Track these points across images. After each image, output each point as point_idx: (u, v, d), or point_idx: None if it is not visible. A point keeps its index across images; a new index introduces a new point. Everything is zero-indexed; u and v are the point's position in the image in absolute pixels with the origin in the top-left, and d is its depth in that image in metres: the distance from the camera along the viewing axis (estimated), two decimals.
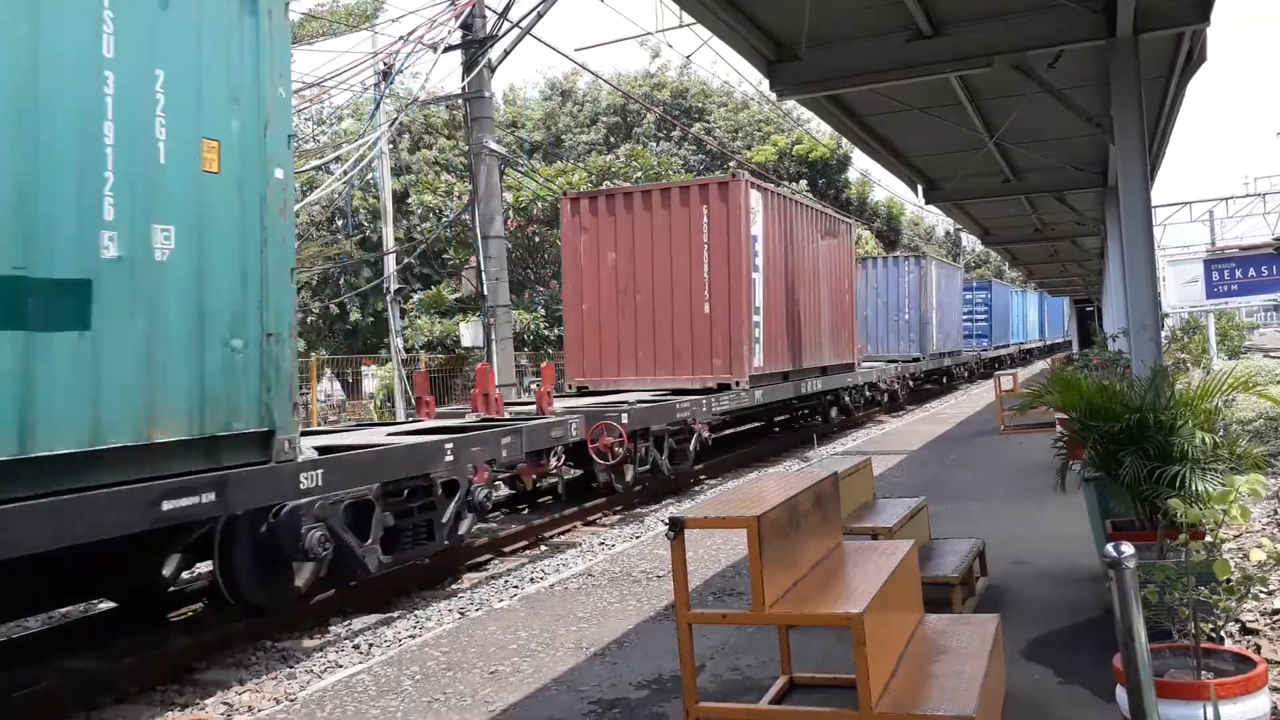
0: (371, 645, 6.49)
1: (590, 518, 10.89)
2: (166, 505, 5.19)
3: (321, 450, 6.92)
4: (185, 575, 7.26)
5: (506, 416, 10.38)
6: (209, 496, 5.44)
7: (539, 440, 9.49)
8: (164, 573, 6.49)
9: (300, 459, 6.17)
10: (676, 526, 3.34)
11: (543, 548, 9.61)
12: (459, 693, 4.80)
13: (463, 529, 8.04)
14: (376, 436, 8.38)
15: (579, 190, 17.18)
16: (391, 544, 7.19)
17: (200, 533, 6.11)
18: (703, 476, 13.77)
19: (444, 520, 7.73)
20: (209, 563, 6.53)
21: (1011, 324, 43.93)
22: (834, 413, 19.08)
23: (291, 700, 4.98)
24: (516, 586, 7.89)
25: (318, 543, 6.24)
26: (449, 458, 7.80)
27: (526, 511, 11.37)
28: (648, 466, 11.52)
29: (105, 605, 7.21)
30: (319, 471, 6.31)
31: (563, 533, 10.26)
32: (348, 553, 6.66)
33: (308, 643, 6.66)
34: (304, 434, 8.01)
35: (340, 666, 5.99)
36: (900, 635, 3.56)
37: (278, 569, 6.45)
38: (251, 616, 6.61)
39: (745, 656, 4.99)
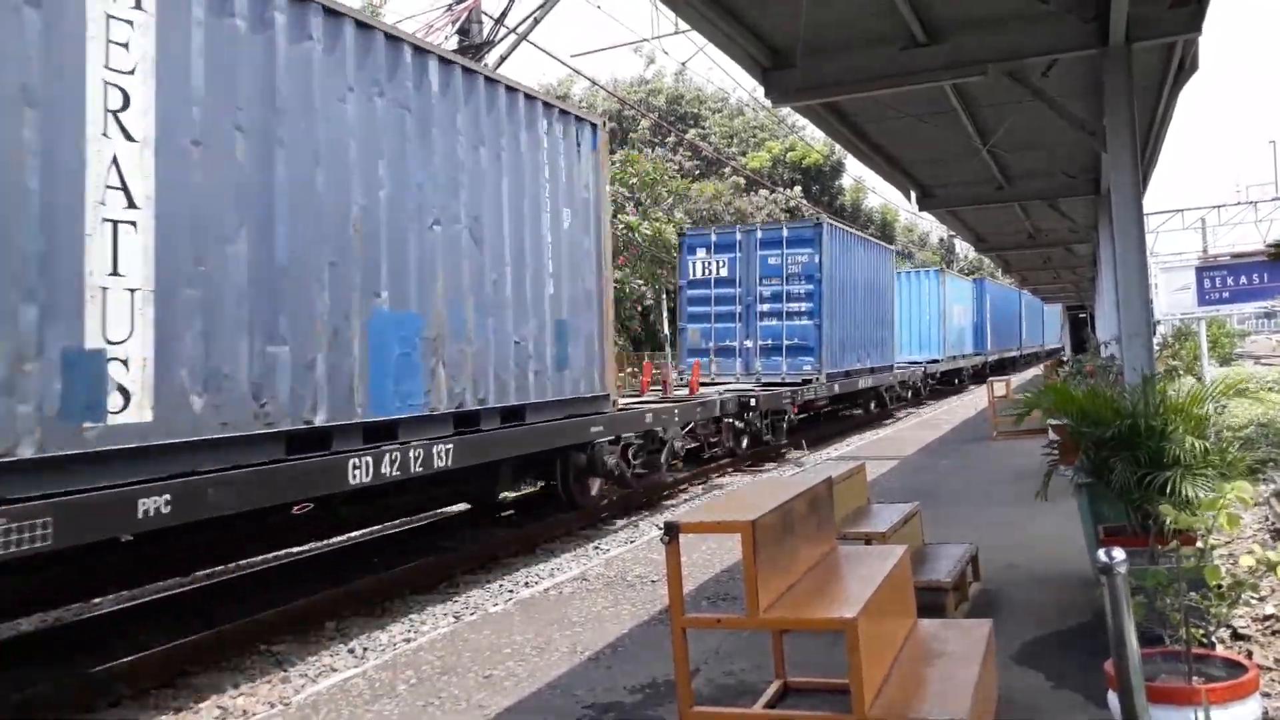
0: (366, 649, 6.49)
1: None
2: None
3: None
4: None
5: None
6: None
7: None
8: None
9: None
10: (671, 531, 3.36)
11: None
12: (454, 697, 4.81)
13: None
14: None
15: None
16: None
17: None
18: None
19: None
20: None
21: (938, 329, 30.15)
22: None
23: (286, 704, 4.98)
24: (511, 591, 7.90)
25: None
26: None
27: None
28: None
29: (107, 609, 7.21)
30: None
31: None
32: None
33: (302, 647, 6.66)
34: None
35: (335, 670, 5.99)
36: (894, 640, 3.58)
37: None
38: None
39: (739, 661, 5.01)
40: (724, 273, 18.13)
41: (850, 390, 19.74)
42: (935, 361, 28.83)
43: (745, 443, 15.54)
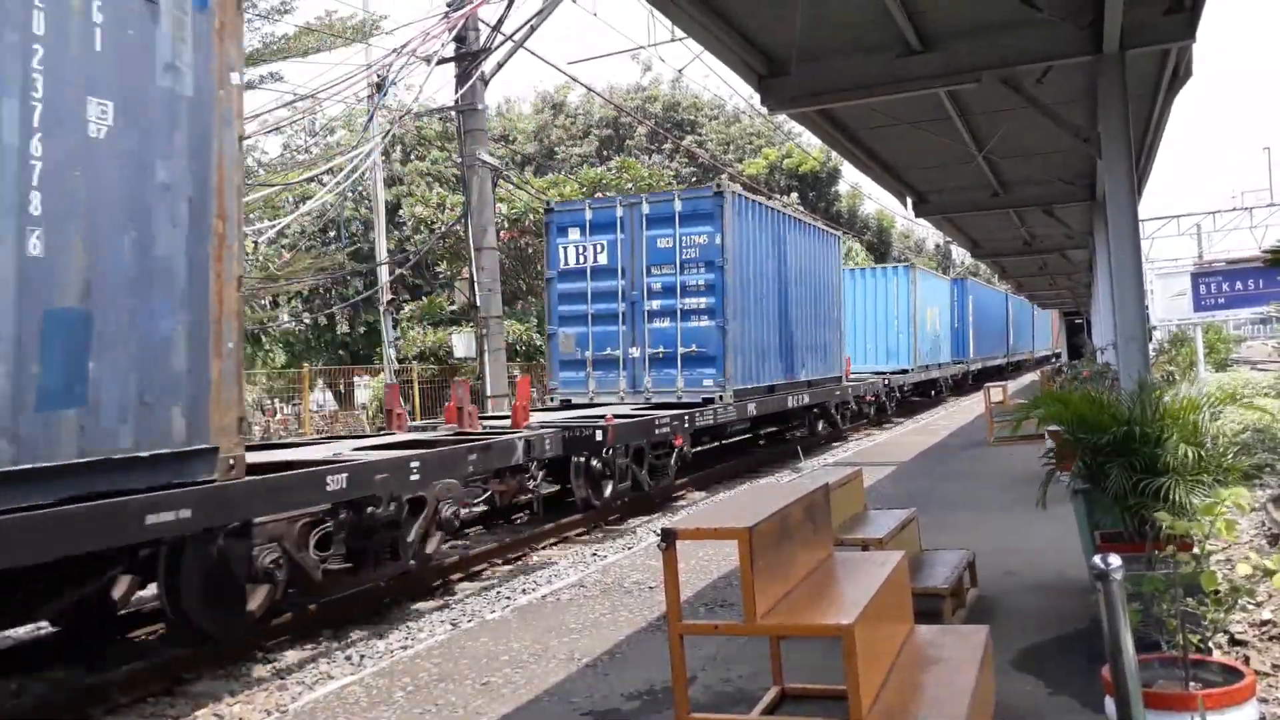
0: (363, 656, 6.49)
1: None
2: None
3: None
4: None
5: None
6: None
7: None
8: None
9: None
10: (669, 537, 3.36)
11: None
12: (451, 704, 4.81)
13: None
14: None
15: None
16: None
17: None
18: (688, 491, 13.78)
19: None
20: None
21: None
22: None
23: (283, 712, 4.98)
24: (509, 598, 7.89)
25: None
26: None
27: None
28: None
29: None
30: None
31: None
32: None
33: (299, 654, 6.64)
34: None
35: (332, 678, 5.99)
36: (890, 646, 3.58)
37: None
38: None
39: (737, 667, 5.01)
40: (603, 259, 14.14)
41: (775, 410, 15.77)
42: (904, 372, 25.17)
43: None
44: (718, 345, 13.71)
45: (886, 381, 23.21)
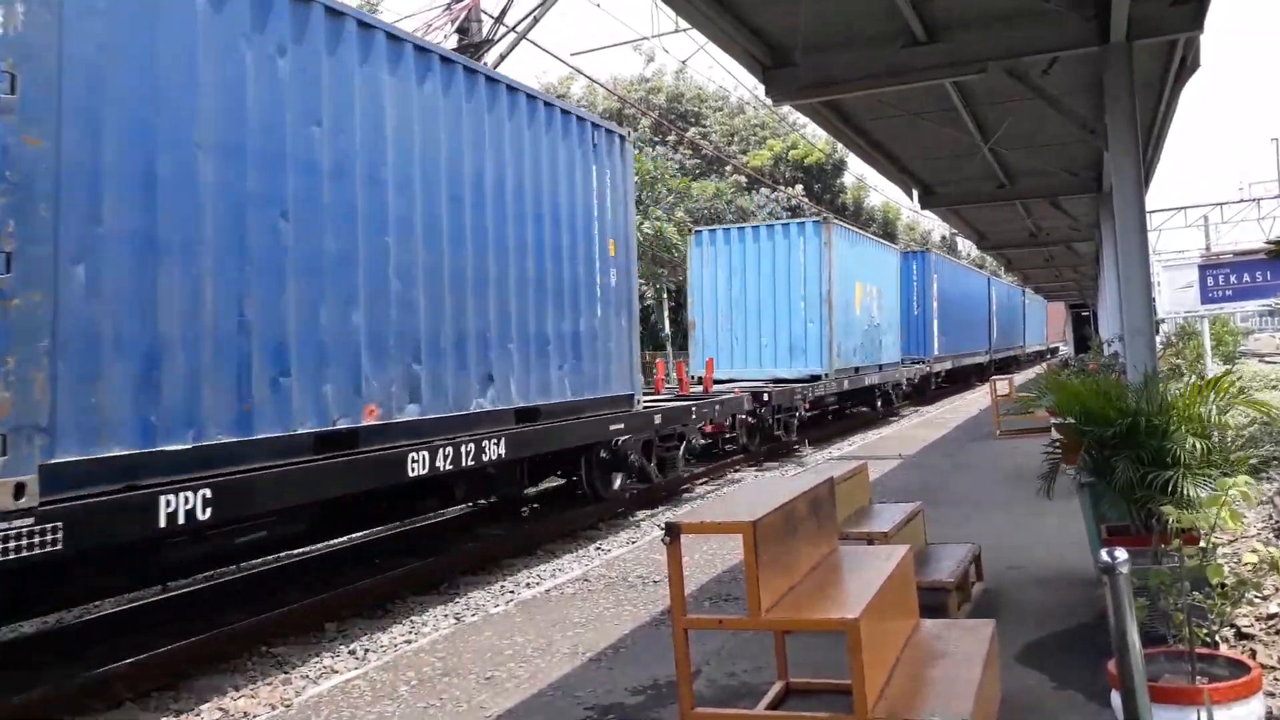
0: (367, 651, 6.48)
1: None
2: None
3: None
4: None
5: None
6: None
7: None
8: None
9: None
10: (673, 531, 3.35)
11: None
12: (455, 698, 4.80)
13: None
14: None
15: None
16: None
17: None
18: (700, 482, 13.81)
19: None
20: None
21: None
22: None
23: (287, 705, 4.97)
24: (512, 592, 7.89)
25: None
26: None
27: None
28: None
29: (108, 611, 7.21)
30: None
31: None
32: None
33: (303, 648, 6.65)
34: None
35: (336, 672, 5.99)
36: (896, 640, 3.57)
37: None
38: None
39: (741, 662, 4.99)
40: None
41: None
42: (813, 379, 17.59)
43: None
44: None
45: (768, 396, 15.71)
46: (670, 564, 3.36)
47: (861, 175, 47.75)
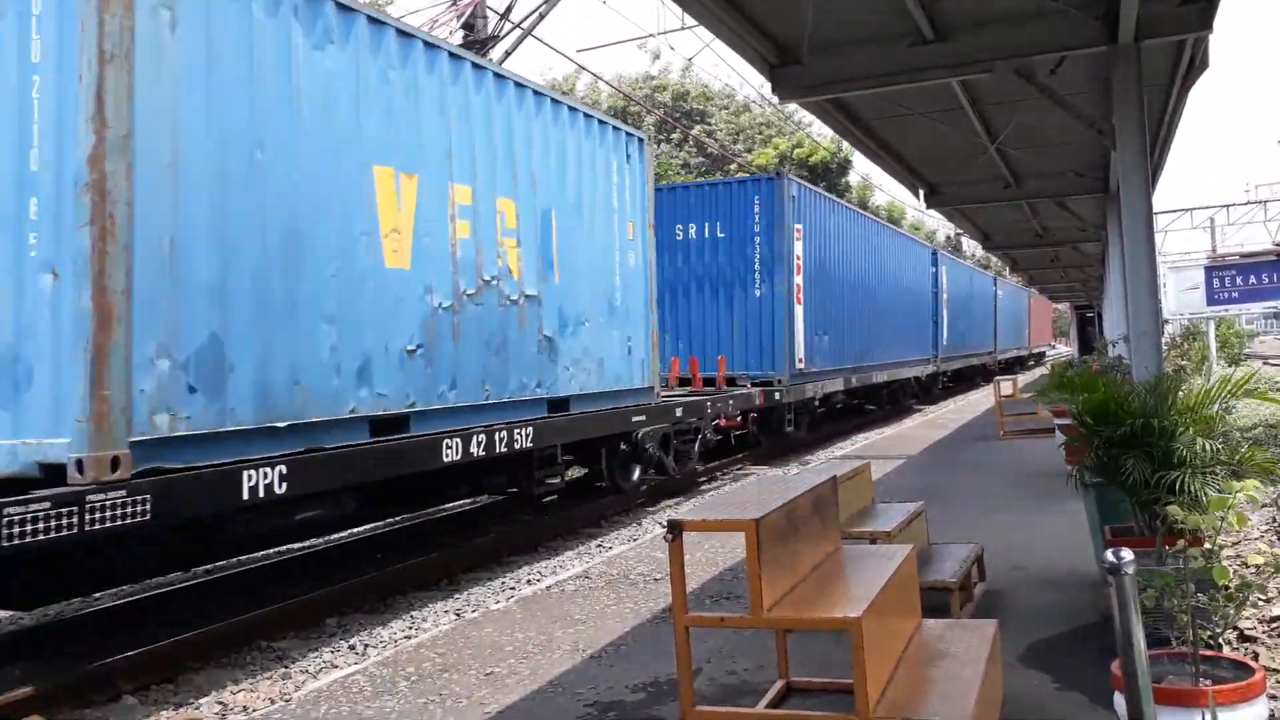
0: (367, 646, 6.48)
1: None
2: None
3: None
4: None
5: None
6: None
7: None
8: None
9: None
10: (675, 529, 3.33)
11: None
12: (455, 694, 4.79)
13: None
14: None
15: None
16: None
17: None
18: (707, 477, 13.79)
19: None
20: None
21: None
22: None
23: (286, 700, 4.97)
24: (513, 588, 7.88)
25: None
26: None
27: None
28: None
29: (108, 604, 7.21)
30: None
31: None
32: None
33: (303, 642, 6.64)
34: None
35: (336, 667, 5.98)
36: (898, 640, 3.55)
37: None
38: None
39: (742, 660, 4.98)
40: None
41: None
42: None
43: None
44: None
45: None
46: (672, 562, 3.35)
47: (867, 174, 47.70)
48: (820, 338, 16.79)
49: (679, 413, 11.68)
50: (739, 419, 14.52)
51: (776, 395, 14.88)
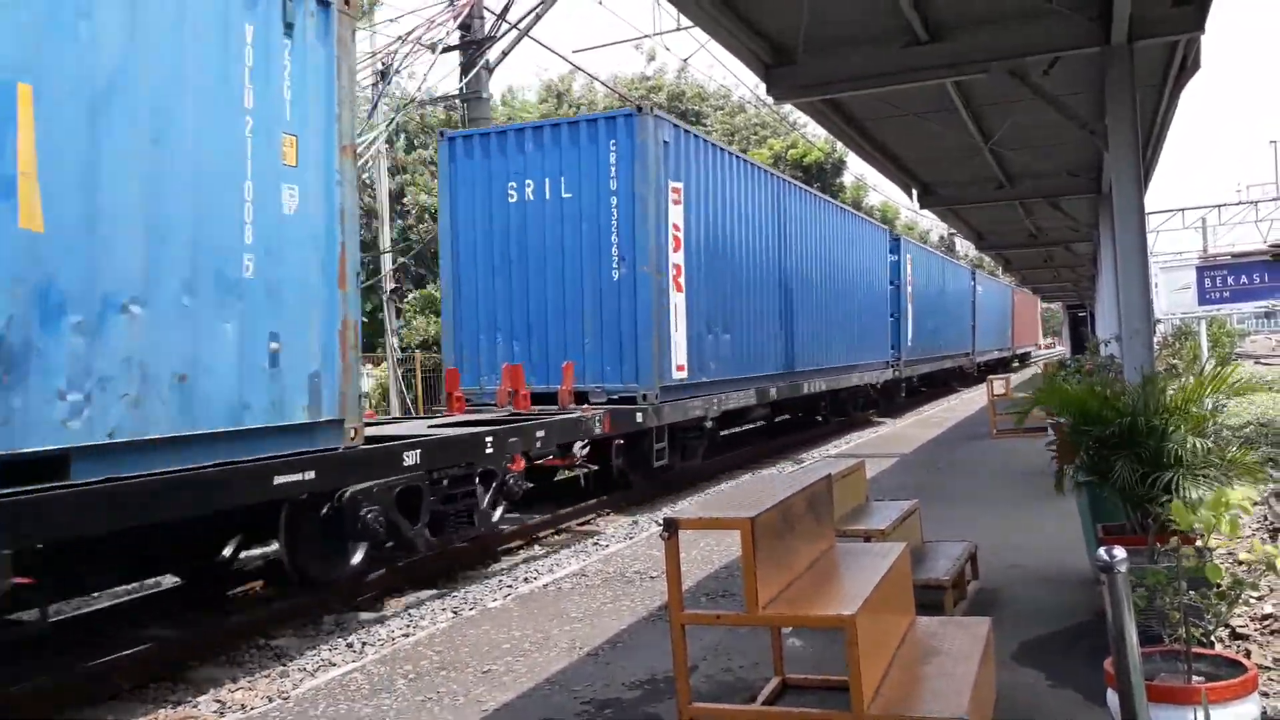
0: (365, 644, 6.49)
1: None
2: None
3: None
4: None
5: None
6: None
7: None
8: None
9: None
10: (671, 527, 3.35)
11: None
12: (452, 692, 4.81)
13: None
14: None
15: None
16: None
17: None
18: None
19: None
20: None
21: None
22: None
23: (284, 698, 4.98)
24: (510, 586, 7.90)
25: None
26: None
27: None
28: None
29: (106, 604, 7.21)
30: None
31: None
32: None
33: (301, 641, 6.65)
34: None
35: (334, 665, 5.99)
36: (892, 637, 3.58)
37: None
38: None
39: (738, 658, 5.01)
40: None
41: None
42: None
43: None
44: None
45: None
46: (668, 559, 3.37)
47: (861, 174, 47.71)
48: (715, 337, 13.11)
49: (410, 460, 7.33)
50: (582, 451, 10.41)
51: (639, 417, 11.03)
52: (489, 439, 8.40)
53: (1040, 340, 60.22)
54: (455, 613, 7.12)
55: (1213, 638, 3.90)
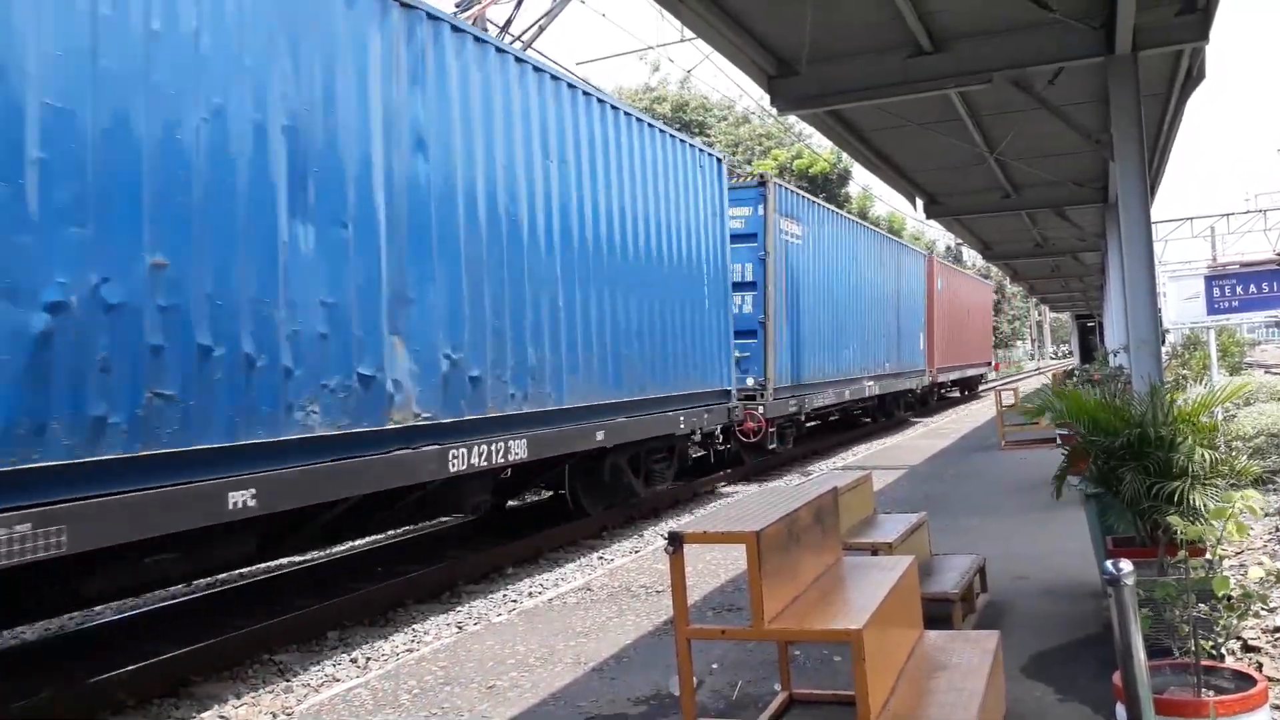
0: (369, 659, 6.47)
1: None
2: None
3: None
4: None
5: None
6: None
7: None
8: None
9: None
10: (676, 541, 3.33)
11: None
12: (456, 707, 4.79)
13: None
14: None
15: None
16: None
17: None
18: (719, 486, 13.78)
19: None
20: None
21: None
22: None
23: (288, 714, 4.97)
24: (515, 600, 7.87)
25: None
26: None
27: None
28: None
29: (110, 618, 7.20)
30: None
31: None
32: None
33: (304, 656, 6.63)
34: None
35: (337, 680, 5.97)
36: (900, 651, 3.55)
37: None
38: None
39: (744, 672, 4.97)
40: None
41: None
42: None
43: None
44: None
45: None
46: (673, 573, 3.35)
47: (867, 185, 47.80)
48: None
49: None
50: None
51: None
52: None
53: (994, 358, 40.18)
54: (459, 627, 7.09)
55: (1223, 650, 3.86)
